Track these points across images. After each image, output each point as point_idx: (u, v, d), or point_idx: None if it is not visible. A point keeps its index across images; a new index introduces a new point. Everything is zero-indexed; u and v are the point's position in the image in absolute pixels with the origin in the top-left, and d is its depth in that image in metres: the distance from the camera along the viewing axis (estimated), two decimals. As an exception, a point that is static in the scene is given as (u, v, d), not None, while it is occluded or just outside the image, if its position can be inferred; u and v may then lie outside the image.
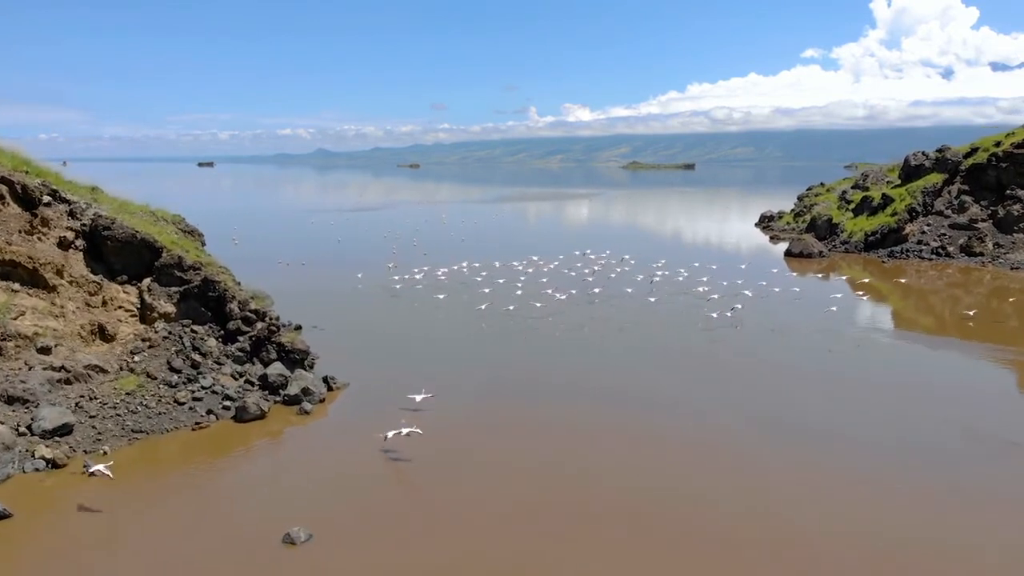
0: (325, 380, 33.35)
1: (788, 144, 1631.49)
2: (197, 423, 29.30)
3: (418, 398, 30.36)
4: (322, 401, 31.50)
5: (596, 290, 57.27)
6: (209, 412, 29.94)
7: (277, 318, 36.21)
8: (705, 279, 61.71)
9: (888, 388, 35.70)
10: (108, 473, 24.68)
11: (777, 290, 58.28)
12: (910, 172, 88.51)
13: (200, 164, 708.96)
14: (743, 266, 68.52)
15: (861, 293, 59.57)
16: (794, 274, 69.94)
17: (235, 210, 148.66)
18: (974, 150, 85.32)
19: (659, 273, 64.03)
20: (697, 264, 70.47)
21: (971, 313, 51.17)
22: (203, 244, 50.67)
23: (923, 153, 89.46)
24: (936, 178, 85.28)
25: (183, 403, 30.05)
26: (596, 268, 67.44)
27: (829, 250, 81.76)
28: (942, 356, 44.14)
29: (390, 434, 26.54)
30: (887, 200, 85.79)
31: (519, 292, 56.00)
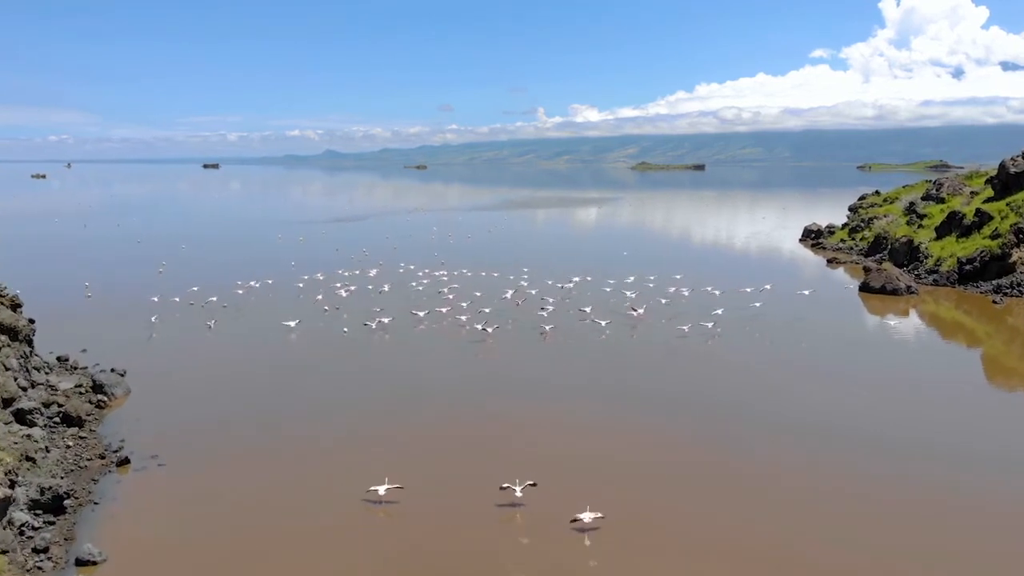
0: None
1: (797, 144, 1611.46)
2: None
3: (381, 490, 23.76)
4: None
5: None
6: None
7: None
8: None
9: None
10: None
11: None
12: (1008, 181, 70.09)
13: (205, 166, 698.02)
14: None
15: None
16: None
17: (202, 221, 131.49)
18: (1090, 153, 67.24)
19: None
20: (759, 305, 52.99)
21: None
22: (13, 308, 33.04)
23: (1024, 157, 71.11)
24: (1045, 189, 67.03)
25: None
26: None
27: (915, 282, 63.22)
28: None
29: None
30: (983, 217, 67.40)
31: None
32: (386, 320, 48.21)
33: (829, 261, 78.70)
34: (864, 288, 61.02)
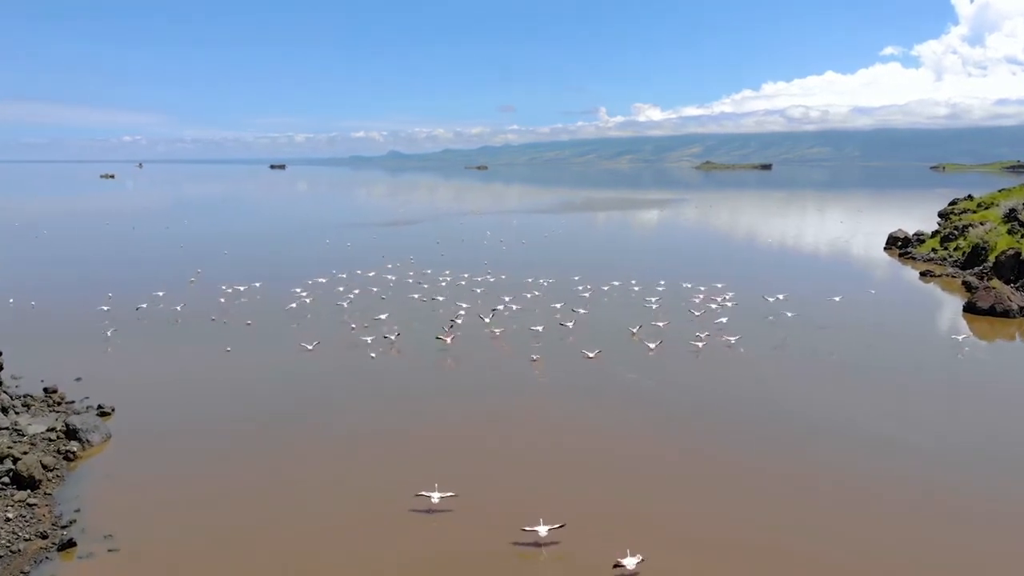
0: None
1: (867, 144, 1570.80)
2: None
3: (435, 497, 23.64)
4: None
5: None
6: None
7: None
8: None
9: None
10: None
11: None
12: None
13: (272, 167, 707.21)
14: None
15: None
16: None
17: (255, 224, 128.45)
18: None
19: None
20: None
21: None
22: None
23: None
24: None
25: None
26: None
27: (1026, 301, 55.11)
28: None
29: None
30: (1105, 227, 59.23)
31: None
32: (392, 337, 45.09)
33: (922, 274, 70.47)
34: (970, 308, 53.30)
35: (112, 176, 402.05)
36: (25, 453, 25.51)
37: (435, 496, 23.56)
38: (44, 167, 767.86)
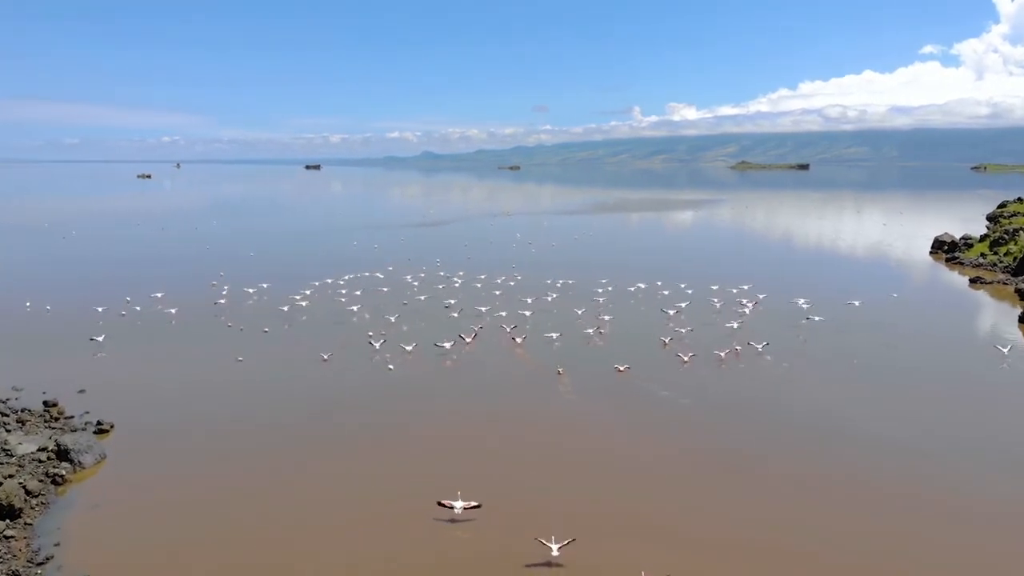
0: None
1: (905, 143, 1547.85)
2: None
3: (457, 507, 22.71)
4: None
5: None
6: None
7: None
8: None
9: None
10: None
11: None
12: None
13: (307, 167, 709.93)
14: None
15: None
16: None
17: (284, 225, 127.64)
18: None
19: None
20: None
21: None
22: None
23: None
24: None
25: None
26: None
27: (1088, 312, 51.70)
28: None
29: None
30: None
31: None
32: (409, 347, 43.36)
33: (972, 281, 66.78)
34: (1027, 320, 50.11)
35: (149, 176, 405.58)
36: (9, 477, 23.86)
37: (458, 506, 22.80)
38: (84, 167, 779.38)
